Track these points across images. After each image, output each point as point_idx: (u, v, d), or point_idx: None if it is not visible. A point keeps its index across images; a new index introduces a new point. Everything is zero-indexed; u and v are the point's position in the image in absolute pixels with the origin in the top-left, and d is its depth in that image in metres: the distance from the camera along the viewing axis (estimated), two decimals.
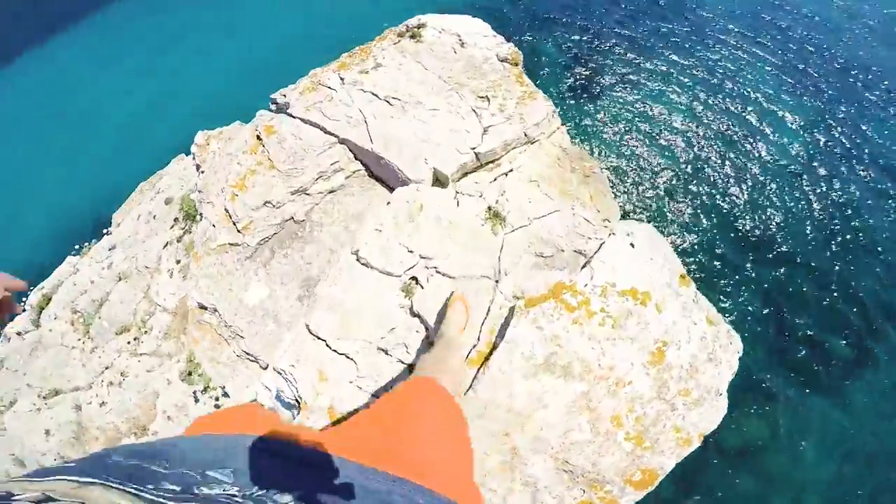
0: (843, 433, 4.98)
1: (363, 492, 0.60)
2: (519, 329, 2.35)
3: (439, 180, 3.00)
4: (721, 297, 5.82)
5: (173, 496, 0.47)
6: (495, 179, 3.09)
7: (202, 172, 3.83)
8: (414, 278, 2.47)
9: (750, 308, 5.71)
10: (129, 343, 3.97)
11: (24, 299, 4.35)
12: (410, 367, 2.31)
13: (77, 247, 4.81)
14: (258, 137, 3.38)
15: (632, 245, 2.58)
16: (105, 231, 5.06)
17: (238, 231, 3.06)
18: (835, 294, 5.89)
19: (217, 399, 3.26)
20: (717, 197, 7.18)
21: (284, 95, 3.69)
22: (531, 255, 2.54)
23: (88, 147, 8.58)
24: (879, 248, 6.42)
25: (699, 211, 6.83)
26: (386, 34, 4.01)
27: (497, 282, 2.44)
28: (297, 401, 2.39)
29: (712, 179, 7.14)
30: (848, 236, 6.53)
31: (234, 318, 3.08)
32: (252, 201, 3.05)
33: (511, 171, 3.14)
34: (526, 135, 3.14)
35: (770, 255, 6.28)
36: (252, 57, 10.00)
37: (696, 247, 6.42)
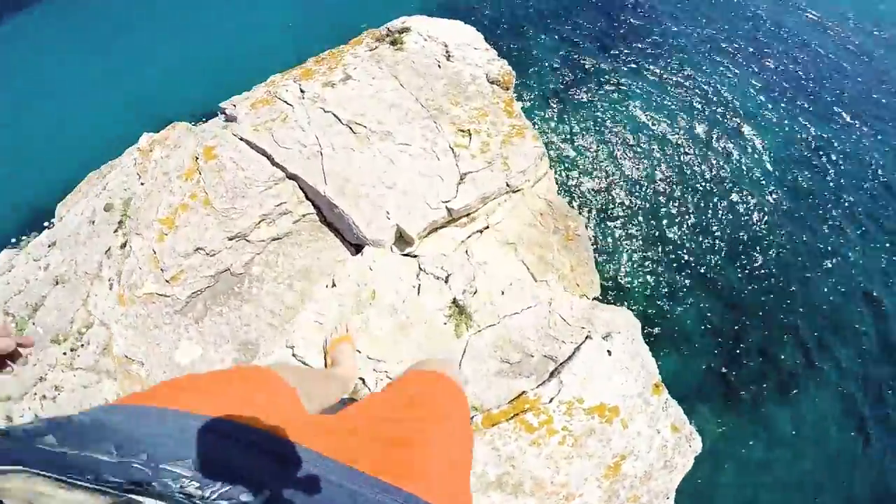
0: (764, 457, 5.24)
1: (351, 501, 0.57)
2: (474, 450, 1.97)
3: (402, 236, 2.54)
4: (678, 310, 5.97)
5: (117, 486, 0.41)
6: (469, 237, 2.63)
7: (142, 184, 3.36)
8: (361, 379, 2.06)
9: (701, 325, 5.90)
10: (64, 354, 3.64)
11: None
12: None
13: (14, 240, 4.34)
14: (196, 159, 2.87)
15: (609, 352, 2.17)
16: (46, 224, 4.58)
17: (166, 281, 2.61)
18: (784, 323, 6.13)
19: None
20: (689, 217, 7.41)
21: (234, 105, 3.14)
22: (496, 361, 2.13)
23: (47, 123, 7.95)
24: (840, 286, 6.65)
25: (668, 232, 6.98)
26: (363, 37, 3.41)
27: None
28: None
29: (689, 199, 7.30)
30: (810, 270, 6.75)
31: (163, 377, 2.69)
32: (182, 246, 2.59)
33: (487, 227, 2.68)
34: (508, 185, 2.66)
35: (729, 281, 6.41)
36: (237, 40, 9.32)
37: (660, 265, 6.48)
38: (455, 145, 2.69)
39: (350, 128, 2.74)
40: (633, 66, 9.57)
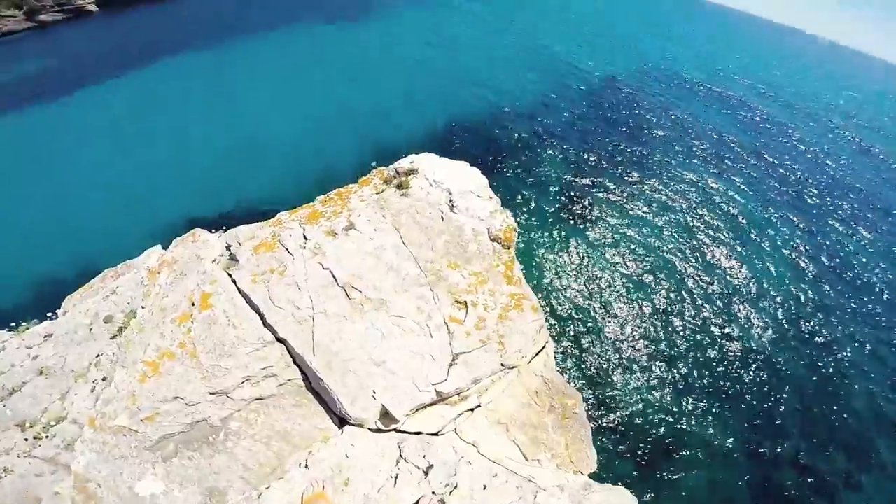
0: None
1: None
2: None
3: (388, 414, 2.44)
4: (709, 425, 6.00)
5: None
6: (459, 416, 2.53)
7: (142, 308, 3.37)
8: None
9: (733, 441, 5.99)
10: (26, 440, 3.64)
11: None
12: None
13: (13, 324, 4.42)
14: (192, 304, 2.86)
15: None
16: (49, 314, 4.63)
17: (140, 420, 2.56)
18: (801, 457, 6.20)
19: None
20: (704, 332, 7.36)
21: (239, 244, 3.16)
22: None
23: (81, 209, 8.29)
24: (854, 409, 6.77)
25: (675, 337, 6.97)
26: (371, 176, 3.45)
27: None
28: None
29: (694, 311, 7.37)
30: (822, 397, 6.85)
31: (118, 502, 2.60)
32: (162, 392, 2.55)
33: (478, 406, 2.58)
34: (503, 365, 2.58)
35: (740, 412, 6.44)
36: (271, 144, 10.01)
37: (665, 410, 6.37)
38: (450, 319, 2.63)
39: (345, 291, 2.71)
40: (631, 194, 9.92)
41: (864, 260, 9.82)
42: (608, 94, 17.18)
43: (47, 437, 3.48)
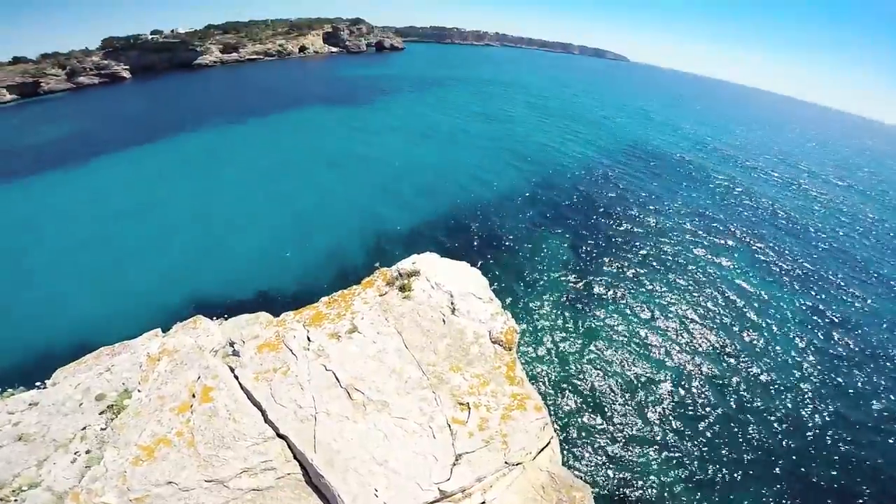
0: None
1: None
2: None
3: None
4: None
5: None
6: None
7: (138, 391, 3.41)
8: None
9: None
10: None
11: None
12: None
13: (1, 389, 4.45)
14: (193, 395, 2.93)
15: None
16: (38, 384, 4.65)
17: (129, 500, 2.53)
18: None
19: None
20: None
21: (243, 342, 3.28)
22: None
23: (82, 281, 8.48)
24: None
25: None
26: (374, 278, 3.64)
27: None
28: None
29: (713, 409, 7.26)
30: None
31: None
32: (155, 476, 2.53)
33: (483, 503, 2.60)
34: (507, 462, 2.62)
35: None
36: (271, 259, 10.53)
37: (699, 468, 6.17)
38: (453, 421, 2.70)
39: (348, 392, 2.79)
40: (625, 284, 10.30)
41: (871, 328, 9.82)
42: (591, 178, 18.06)
43: (16, 500, 3.44)
